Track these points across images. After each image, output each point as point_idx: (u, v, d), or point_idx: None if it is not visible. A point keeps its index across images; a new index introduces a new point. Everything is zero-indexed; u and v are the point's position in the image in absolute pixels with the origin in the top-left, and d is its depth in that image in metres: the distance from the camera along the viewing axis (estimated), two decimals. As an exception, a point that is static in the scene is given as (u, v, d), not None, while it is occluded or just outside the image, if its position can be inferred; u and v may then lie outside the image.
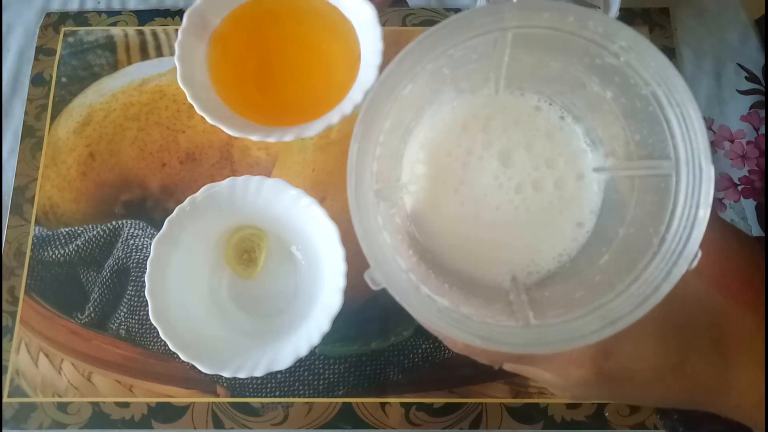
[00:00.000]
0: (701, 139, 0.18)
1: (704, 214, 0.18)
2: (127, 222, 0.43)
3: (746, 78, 0.47)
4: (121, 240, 0.43)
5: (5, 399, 0.40)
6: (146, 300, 0.35)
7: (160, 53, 0.48)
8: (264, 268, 0.40)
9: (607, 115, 0.22)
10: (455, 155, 0.24)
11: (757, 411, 0.21)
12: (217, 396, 0.40)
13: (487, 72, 0.23)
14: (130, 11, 0.49)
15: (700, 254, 0.18)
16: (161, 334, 0.34)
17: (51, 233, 0.44)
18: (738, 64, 0.47)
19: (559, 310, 0.19)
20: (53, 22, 0.49)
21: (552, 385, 0.24)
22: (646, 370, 0.21)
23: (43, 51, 0.48)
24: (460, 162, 0.24)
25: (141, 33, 0.48)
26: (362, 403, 0.40)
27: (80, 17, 0.49)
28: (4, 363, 0.41)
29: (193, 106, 0.35)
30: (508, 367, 0.25)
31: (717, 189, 0.44)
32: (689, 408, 0.27)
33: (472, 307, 0.19)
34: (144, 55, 0.48)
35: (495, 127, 0.24)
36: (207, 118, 0.35)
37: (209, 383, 0.40)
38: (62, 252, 0.43)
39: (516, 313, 0.19)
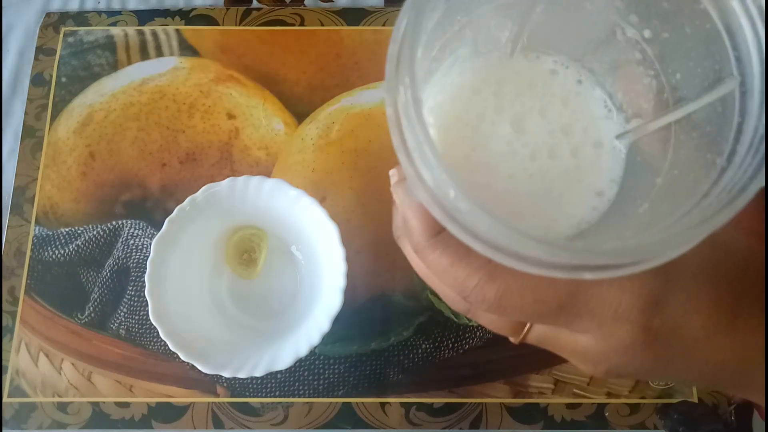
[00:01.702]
0: None
1: None
2: (127, 222, 0.43)
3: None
4: (121, 240, 0.43)
5: (5, 399, 0.40)
6: (146, 300, 0.35)
7: (160, 53, 0.48)
8: (264, 268, 0.40)
9: (635, 69, 0.21)
10: (465, 120, 0.22)
11: None
12: (217, 396, 0.40)
13: (511, 21, 0.22)
14: (130, 11, 0.49)
15: None
16: (161, 334, 0.34)
17: (51, 233, 0.44)
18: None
19: (617, 242, 0.17)
20: (53, 22, 0.49)
21: (586, 355, 0.21)
22: (697, 326, 0.19)
23: (43, 51, 0.48)
24: (470, 127, 0.22)
25: (141, 33, 0.48)
26: (362, 403, 0.40)
27: (80, 17, 0.49)
28: (4, 363, 0.41)
29: (192, 106, 0.35)
30: (534, 336, 0.22)
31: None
32: (732, 387, 0.25)
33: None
34: (144, 55, 0.48)
35: (507, 92, 0.23)
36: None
37: (209, 383, 0.40)
38: (62, 252, 0.43)
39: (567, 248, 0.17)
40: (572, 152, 0.22)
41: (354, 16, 0.48)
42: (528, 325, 0.22)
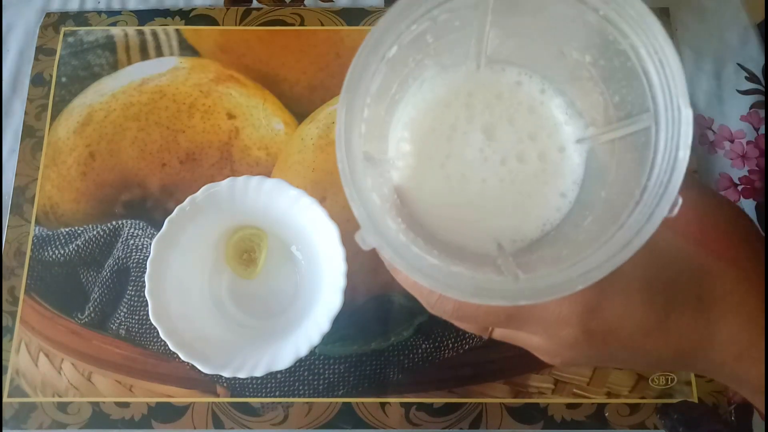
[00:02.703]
0: (680, 83, 0.19)
1: (684, 155, 0.18)
2: (127, 222, 0.43)
3: (746, 78, 0.47)
4: (121, 240, 0.43)
5: (5, 399, 0.40)
6: (146, 300, 0.35)
7: (160, 53, 0.48)
8: (264, 268, 0.40)
9: (586, 83, 0.23)
10: (439, 131, 0.24)
11: (738, 365, 0.22)
12: (217, 396, 0.40)
13: (469, 43, 0.23)
14: (130, 11, 0.49)
15: (680, 201, 0.18)
16: (161, 334, 0.34)
17: (51, 233, 0.44)
18: (738, 64, 0.47)
19: (547, 267, 0.20)
20: (53, 22, 0.49)
21: (541, 350, 0.24)
22: (632, 326, 0.21)
23: (43, 51, 0.48)
24: (444, 137, 0.24)
25: (141, 33, 0.48)
26: (362, 403, 0.40)
27: (80, 17, 0.49)
28: (4, 363, 0.41)
29: (192, 106, 0.35)
30: (497, 335, 0.25)
31: (717, 189, 0.44)
32: (675, 370, 0.29)
33: (461, 268, 0.19)
34: (144, 55, 0.48)
35: (477, 103, 0.24)
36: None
37: (209, 383, 0.40)
38: (62, 252, 0.43)
39: (504, 273, 0.20)
40: (539, 156, 0.24)
41: (354, 16, 0.48)
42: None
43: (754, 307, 0.21)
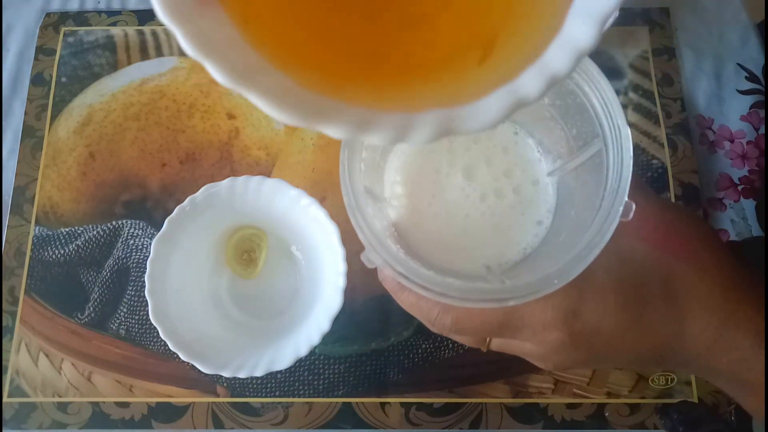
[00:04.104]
0: (616, 108, 0.22)
1: (628, 163, 0.22)
2: (127, 222, 0.43)
3: (746, 78, 0.47)
4: (121, 240, 0.43)
5: (5, 399, 0.40)
6: (146, 300, 0.35)
7: (160, 53, 0.48)
8: (264, 268, 0.40)
9: (549, 122, 0.26)
10: (425, 174, 0.27)
11: (710, 355, 0.24)
12: (217, 396, 0.40)
13: None
14: (130, 11, 0.49)
15: (634, 206, 0.21)
16: (161, 334, 0.34)
17: (51, 233, 0.44)
18: (738, 64, 0.47)
19: (529, 275, 0.22)
20: (53, 22, 0.49)
21: (534, 356, 0.26)
22: (610, 325, 0.23)
23: (43, 51, 0.48)
24: (430, 179, 0.27)
25: (141, 33, 0.48)
26: (362, 403, 0.40)
27: (80, 17, 0.49)
28: (4, 363, 0.41)
29: (192, 106, 0.35)
30: (494, 345, 0.27)
31: (717, 189, 0.44)
32: (658, 366, 0.31)
33: (453, 279, 0.22)
34: (144, 55, 0.48)
35: (457, 147, 0.27)
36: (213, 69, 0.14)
37: (209, 383, 0.40)
38: (62, 252, 0.43)
39: (492, 283, 0.23)
40: (515, 191, 0.27)
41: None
42: (489, 338, 0.27)
43: (718, 299, 0.23)
